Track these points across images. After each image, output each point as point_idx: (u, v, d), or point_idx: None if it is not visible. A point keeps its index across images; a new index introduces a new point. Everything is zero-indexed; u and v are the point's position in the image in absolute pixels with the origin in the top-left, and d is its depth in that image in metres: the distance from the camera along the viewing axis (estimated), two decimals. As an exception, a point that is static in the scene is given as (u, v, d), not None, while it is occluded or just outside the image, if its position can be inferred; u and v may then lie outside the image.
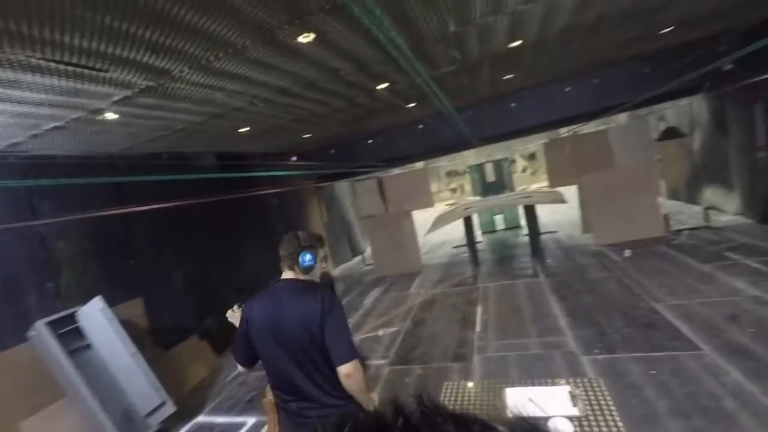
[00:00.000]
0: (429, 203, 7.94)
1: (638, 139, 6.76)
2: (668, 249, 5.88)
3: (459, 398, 1.86)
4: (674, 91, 6.34)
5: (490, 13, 3.05)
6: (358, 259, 10.07)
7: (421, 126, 7.73)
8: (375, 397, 1.77)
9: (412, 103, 5.85)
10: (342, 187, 10.62)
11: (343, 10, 2.44)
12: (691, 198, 8.31)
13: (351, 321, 5.67)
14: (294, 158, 8.21)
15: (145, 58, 2.45)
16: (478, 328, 4.50)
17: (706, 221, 6.71)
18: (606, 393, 1.69)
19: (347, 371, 1.56)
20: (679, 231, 6.58)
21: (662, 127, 8.66)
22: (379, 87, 4.49)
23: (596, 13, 3.55)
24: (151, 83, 2.85)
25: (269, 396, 1.85)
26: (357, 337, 4.98)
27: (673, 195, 9.02)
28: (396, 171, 10.66)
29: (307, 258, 1.71)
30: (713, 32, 5.40)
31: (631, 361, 3.21)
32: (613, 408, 1.58)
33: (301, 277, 1.73)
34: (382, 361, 4.15)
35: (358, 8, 2.39)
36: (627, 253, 6.04)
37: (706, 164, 7.55)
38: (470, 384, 1.97)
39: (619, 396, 2.73)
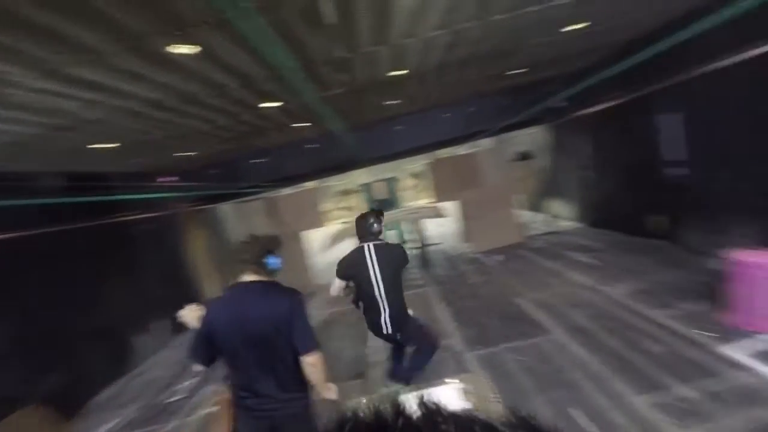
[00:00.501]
0: (319, 223, 7.94)
1: (502, 160, 7.95)
2: (527, 252, 6.97)
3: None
4: (526, 121, 7.69)
5: (374, 44, 3.29)
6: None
7: (311, 145, 7.74)
8: (332, 386, 1.91)
9: (303, 122, 5.84)
10: (227, 210, 9.88)
11: (229, 26, 2.35)
12: (542, 208, 10.06)
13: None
14: (169, 179, 7.34)
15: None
16: (370, 343, 4.61)
17: (552, 227, 8.19)
18: (489, 383, 1.91)
19: (312, 360, 1.75)
20: (534, 236, 7.88)
21: (518, 150, 10.35)
22: (267, 105, 4.38)
23: (465, 53, 4.12)
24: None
25: (225, 394, 1.90)
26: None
27: (529, 207, 10.79)
28: (285, 191, 10.42)
29: (273, 261, 1.83)
30: (551, 75, 6.75)
31: (506, 351, 3.68)
32: (496, 394, 1.80)
33: (265, 278, 1.81)
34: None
35: (243, 26, 2.33)
36: (498, 257, 6.97)
37: (550, 181, 9.25)
38: (364, 400, 2.02)
39: (499, 383, 3.09)
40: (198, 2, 2.03)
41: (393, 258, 2.91)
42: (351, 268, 2.92)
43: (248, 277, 1.80)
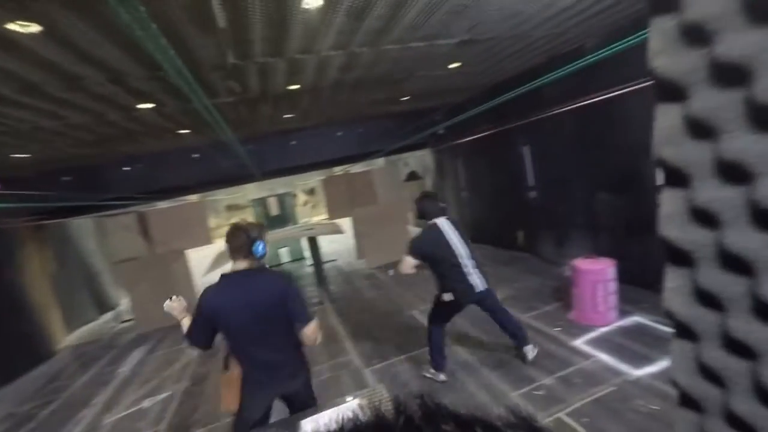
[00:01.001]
0: (207, 240, 7.19)
1: (393, 180, 8.39)
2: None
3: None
4: (412, 145, 8.31)
5: (269, 55, 3.18)
6: (109, 316, 7.91)
7: (196, 155, 7.03)
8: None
9: (185, 129, 5.28)
10: (83, 225, 8.21)
11: (91, 6, 2.00)
12: (429, 226, 10.90)
13: (98, 400, 4.32)
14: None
15: None
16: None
17: (438, 243, 8.92)
18: (386, 396, 1.94)
19: (310, 331, 1.97)
20: (424, 251, 8.46)
21: (407, 170, 11.09)
22: (141, 106, 3.84)
23: (357, 75, 4.28)
24: None
25: (234, 370, 2.02)
26: (110, 419, 3.84)
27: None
28: (163, 204, 9.17)
29: (260, 248, 1.98)
30: (433, 105, 7.46)
31: (401, 363, 3.81)
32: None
33: (254, 264, 1.99)
34: (150, 439, 3.33)
35: (122, 14, 2.02)
36: (391, 272, 7.25)
37: (435, 200, 10.13)
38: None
39: (396, 393, 3.17)
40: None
41: (459, 226, 3.31)
42: (431, 245, 3.13)
43: (241, 265, 1.97)
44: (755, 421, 0.71)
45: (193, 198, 10.39)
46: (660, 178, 0.82)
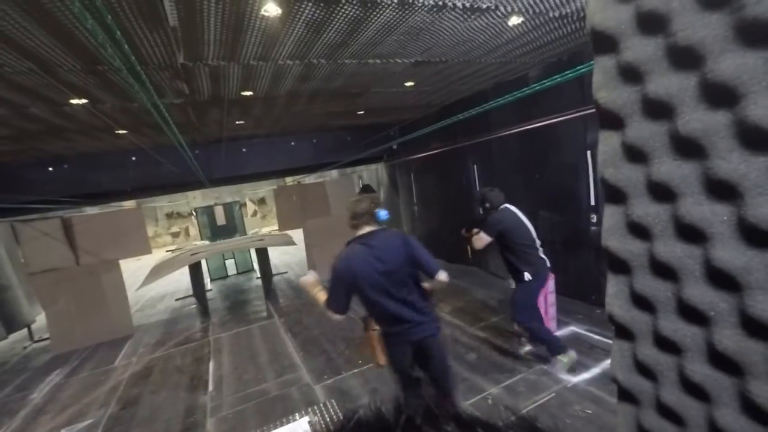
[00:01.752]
0: (146, 249, 6.64)
1: (347, 192, 8.37)
2: (370, 279, 7.42)
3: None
4: (367, 158, 8.40)
5: (222, 59, 3.09)
6: (19, 335, 6.95)
7: (134, 157, 6.53)
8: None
9: (124, 129, 4.90)
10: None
11: (21, -8, 1.82)
12: (381, 239, 10.97)
13: (5, 430, 3.75)
14: None
15: None
16: (210, 387, 4.03)
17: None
18: (337, 411, 1.90)
19: (442, 276, 2.12)
20: (376, 264, 8.48)
21: (361, 183, 11.15)
22: (74, 101, 3.51)
23: (314, 86, 4.28)
24: None
25: (374, 326, 2.21)
26: (17, 454, 3.34)
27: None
28: (91, 210, 8.36)
29: (382, 213, 2.22)
30: (386, 122, 7.62)
31: (352, 377, 3.76)
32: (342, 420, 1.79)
33: (378, 227, 2.21)
34: (66, 475, 2.94)
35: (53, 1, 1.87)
36: (343, 285, 7.18)
37: (388, 213, 10.25)
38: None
39: (346, 408, 3.11)
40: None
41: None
42: (510, 223, 3.35)
43: (368, 228, 2.18)
44: (683, 411, 0.80)
45: (129, 204, 9.60)
46: (592, 198, 0.91)
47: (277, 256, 10.71)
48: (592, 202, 4.34)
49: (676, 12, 0.70)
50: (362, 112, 6.26)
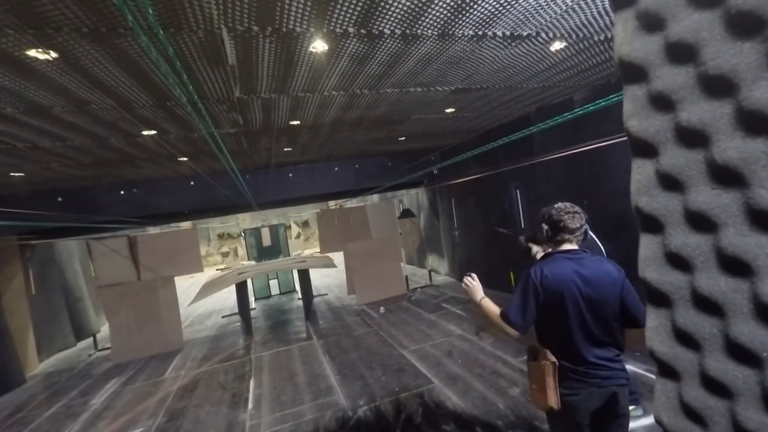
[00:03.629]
0: (198, 267, 7.09)
1: (387, 216, 8.48)
2: (409, 304, 7.35)
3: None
4: (407, 183, 8.50)
5: (274, 92, 3.35)
6: (85, 343, 7.59)
7: (192, 182, 7.10)
8: None
9: (185, 157, 5.38)
10: (69, 247, 8.09)
11: (107, 39, 2.13)
12: (421, 263, 10.88)
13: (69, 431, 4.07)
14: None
15: None
16: (250, 406, 4.13)
17: (430, 281, 8.88)
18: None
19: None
20: (415, 289, 8.40)
21: (401, 208, 11.24)
22: (145, 133, 3.94)
23: (357, 115, 4.48)
24: None
25: (550, 358, 1.79)
26: (76, 455, 3.60)
27: (409, 261, 11.56)
28: (153, 230, 9.12)
29: (590, 234, 1.95)
30: (427, 147, 7.72)
31: (389, 405, 3.69)
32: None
33: (580, 248, 1.87)
34: (117, 480, 3.12)
35: (131, 45, 2.16)
36: (381, 309, 7.16)
37: (428, 237, 10.19)
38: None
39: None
40: (73, 5, 1.81)
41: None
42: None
43: (570, 246, 1.86)
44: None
45: (185, 225, 10.36)
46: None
47: (318, 277, 10.94)
48: (647, 230, 4.06)
49: (705, 41, 0.69)
50: (403, 138, 6.41)
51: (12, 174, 4.86)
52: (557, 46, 3.13)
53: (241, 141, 4.96)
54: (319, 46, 2.57)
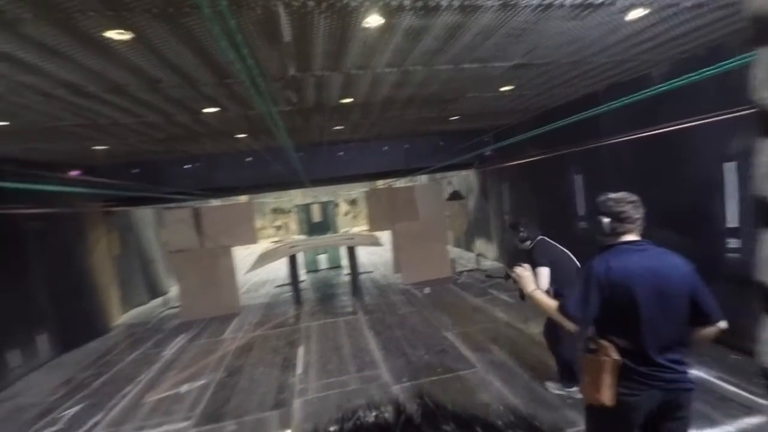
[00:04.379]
0: (252, 239, 7.52)
1: (435, 197, 8.35)
2: (454, 287, 7.28)
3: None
4: (458, 164, 8.26)
5: (327, 69, 3.35)
6: (158, 301, 8.45)
7: (249, 158, 7.44)
8: None
9: (243, 133, 5.63)
10: (144, 214, 8.93)
11: (175, 19, 2.23)
12: (468, 246, 10.67)
13: (142, 378, 4.60)
14: (75, 172, 6.48)
15: None
16: (299, 370, 4.38)
17: (477, 265, 8.71)
18: (416, 416, 1.91)
19: (723, 324, 1.64)
20: (461, 272, 8.28)
21: (450, 189, 11.00)
22: (207, 110, 4.16)
23: (409, 93, 4.37)
24: None
25: (612, 355, 1.64)
26: (151, 398, 4.07)
27: (456, 243, 11.38)
28: (215, 202, 9.76)
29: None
30: (480, 127, 7.40)
31: (430, 384, 3.73)
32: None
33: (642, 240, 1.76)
34: (183, 424, 3.49)
35: (196, 24, 2.23)
36: (426, 290, 7.17)
37: (477, 221, 9.93)
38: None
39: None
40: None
41: None
42: (554, 253, 3.33)
43: (633, 237, 1.75)
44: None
45: (242, 199, 10.96)
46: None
47: (364, 255, 11.15)
48: (732, 224, 3.62)
49: None
50: (455, 117, 6.19)
51: (96, 147, 5.40)
52: (635, 14, 2.79)
53: (294, 119, 5.08)
54: (373, 20, 2.51)
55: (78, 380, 4.76)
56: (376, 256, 11.05)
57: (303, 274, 9.77)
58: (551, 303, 1.82)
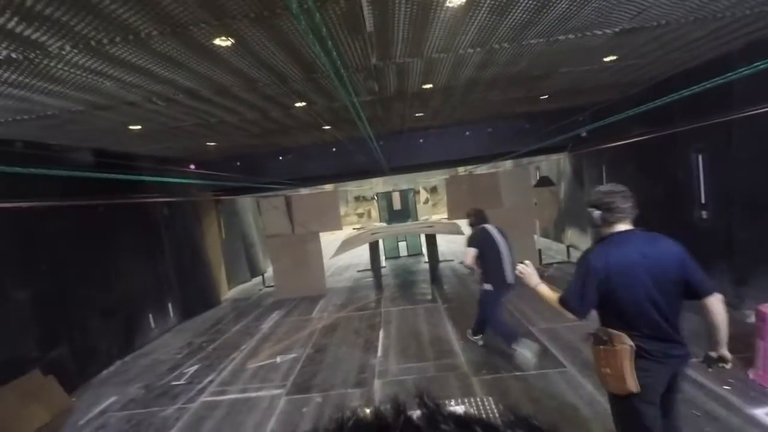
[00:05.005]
0: (338, 226, 7.94)
1: (521, 184, 7.85)
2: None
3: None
4: (547, 148, 7.60)
5: (408, 55, 3.31)
6: (257, 280, 9.45)
7: (334, 149, 7.80)
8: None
9: (328, 125, 5.90)
10: (246, 203, 10.00)
11: (269, 21, 2.40)
12: (558, 237, 9.87)
13: (246, 347, 5.21)
14: (192, 166, 7.49)
15: (11, 24, 2.03)
16: (379, 353, 4.55)
17: (568, 257, 8.01)
18: (494, 411, 1.84)
19: (720, 297, 1.77)
20: (550, 264, 7.71)
21: (538, 175, 10.23)
22: (297, 104, 4.44)
23: (493, 73, 4.12)
24: (15, 55, 2.36)
25: (626, 342, 1.76)
26: (252, 365, 4.60)
27: (544, 233, 10.60)
28: (304, 191, 10.48)
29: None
30: (575, 106, 6.69)
31: (512, 380, 3.57)
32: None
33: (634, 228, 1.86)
34: (277, 391, 3.88)
35: (286, 24, 2.37)
36: (509, 282, 6.82)
37: (568, 210, 9.10)
38: (367, 410, 1.97)
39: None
40: (245, -1, 2.07)
41: (506, 234, 4.40)
42: (481, 241, 4.24)
43: (626, 226, 1.84)
44: None
45: (328, 187, 11.60)
46: None
47: (444, 243, 11.01)
48: None
49: None
50: (546, 96, 5.68)
51: (208, 144, 6.16)
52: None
53: (375, 108, 5.16)
54: (456, -1, 2.39)
55: (196, 344, 5.59)
56: (456, 245, 10.83)
57: (384, 261, 10.05)
58: (553, 295, 1.97)
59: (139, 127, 4.45)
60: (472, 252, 4.15)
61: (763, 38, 3.78)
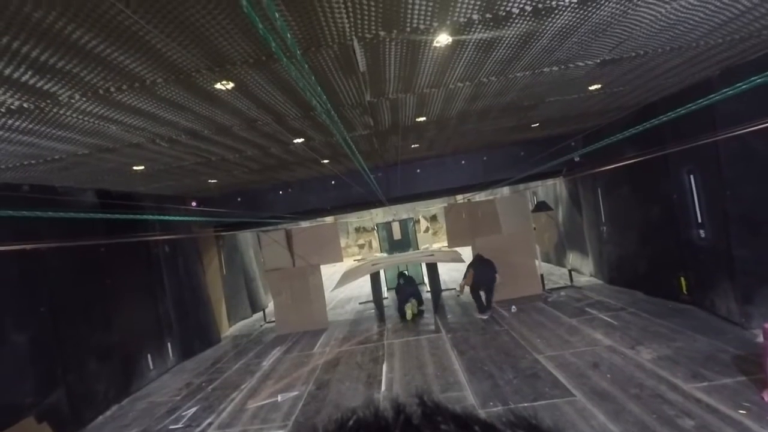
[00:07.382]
0: (338, 258, 7.92)
1: (519, 210, 7.92)
2: (544, 305, 6.73)
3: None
4: (542, 173, 7.73)
5: (401, 91, 3.46)
6: (258, 316, 9.31)
7: (333, 181, 7.94)
8: None
9: (326, 159, 6.04)
10: (246, 237, 10.03)
11: (266, 66, 2.54)
12: (559, 261, 9.82)
13: (246, 386, 5.07)
14: (194, 203, 7.59)
15: (25, 77, 2.15)
16: (383, 387, 4.42)
17: (570, 281, 7.94)
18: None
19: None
20: (552, 289, 7.63)
21: (535, 200, 10.32)
22: (295, 141, 4.58)
23: (484, 105, 4.28)
24: (27, 105, 2.48)
25: None
26: (252, 405, 4.46)
27: (545, 258, 10.54)
28: (304, 224, 10.55)
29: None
30: (566, 131, 6.88)
31: (521, 411, 3.45)
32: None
33: None
34: (280, 431, 3.75)
35: (282, 69, 2.50)
36: (513, 308, 6.74)
37: (568, 233, 9.11)
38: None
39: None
40: (242, 42, 2.21)
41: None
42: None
43: None
44: None
45: (328, 219, 11.68)
46: None
47: (446, 271, 10.94)
48: None
49: None
50: (537, 124, 5.86)
51: (209, 181, 6.28)
52: (755, -17, 2.38)
53: (372, 141, 5.31)
54: (442, 39, 2.54)
55: (195, 384, 5.44)
56: (458, 273, 10.75)
57: (385, 291, 9.93)
58: None
59: (142, 167, 4.57)
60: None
61: (735, 64, 3.95)
